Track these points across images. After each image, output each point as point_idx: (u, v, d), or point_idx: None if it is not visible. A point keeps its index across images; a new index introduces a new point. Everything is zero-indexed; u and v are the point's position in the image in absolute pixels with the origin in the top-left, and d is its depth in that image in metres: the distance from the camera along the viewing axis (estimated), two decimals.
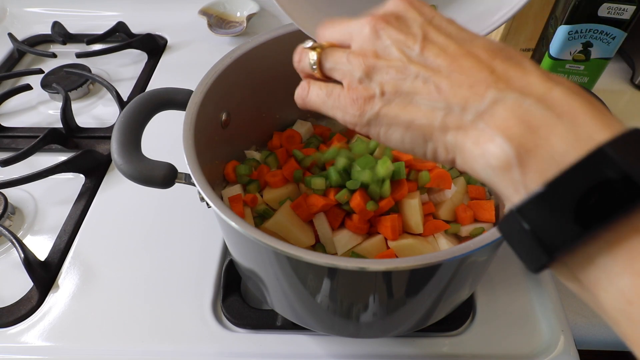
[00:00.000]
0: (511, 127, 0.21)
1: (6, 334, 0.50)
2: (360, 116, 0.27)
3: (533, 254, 0.21)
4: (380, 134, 0.27)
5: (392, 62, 0.25)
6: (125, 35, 0.90)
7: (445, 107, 0.23)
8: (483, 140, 0.22)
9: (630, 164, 0.18)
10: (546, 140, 0.20)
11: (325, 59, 0.28)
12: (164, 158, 0.40)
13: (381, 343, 0.49)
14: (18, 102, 0.79)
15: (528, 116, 0.21)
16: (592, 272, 0.20)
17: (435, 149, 0.25)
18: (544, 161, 0.20)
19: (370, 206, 0.45)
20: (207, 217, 0.60)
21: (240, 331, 0.50)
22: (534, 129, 0.21)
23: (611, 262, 0.19)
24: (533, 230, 0.20)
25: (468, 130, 0.23)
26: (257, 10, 0.90)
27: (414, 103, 0.25)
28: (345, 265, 0.32)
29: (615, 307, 0.19)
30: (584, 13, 0.60)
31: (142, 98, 0.43)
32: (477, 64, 0.23)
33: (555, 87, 0.21)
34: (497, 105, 0.22)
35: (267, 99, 0.54)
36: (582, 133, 0.20)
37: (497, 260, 0.54)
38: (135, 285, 0.54)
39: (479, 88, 0.23)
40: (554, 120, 0.20)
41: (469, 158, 0.23)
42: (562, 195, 0.19)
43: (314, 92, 0.29)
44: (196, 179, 0.37)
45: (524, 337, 0.49)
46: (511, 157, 0.21)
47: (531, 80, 0.22)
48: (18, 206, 0.63)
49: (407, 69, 0.25)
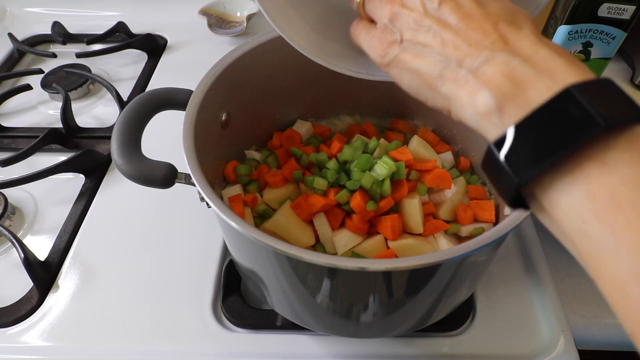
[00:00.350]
0: (496, 80, 0.24)
1: (6, 334, 0.50)
2: (383, 57, 0.31)
3: (506, 183, 0.23)
4: (395, 74, 0.31)
5: (412, 13, 0.29)
6: (125, 35, 0.90)
7: (445, 60, 0.27)
8: (472, 92, 0.25)
9: (590, 100, 0.21)
10: (524, 91, 0.23)
11: (367, 2, 0.33)
12: (164, 158, 0.40)
13: (381, 343, 0.49)
14: (18, 102, 0.79)
15: (513, 73, 0.24)
16: (554, 196, 0.22)
17: (434, 97, 0.29)
18: (520, 105, 0.23)
19: (370, 206, 0.45)
20: (207, 217, 0.60)
21: (240, 331, 0.50)
22: (516, 83, 0.24)
23: (569, 186, 0.21)
24: (506, 158, 0.23)
25: (461, 83, 0.26)
26: (257, 10, 0.90)
27: (423, 54, 0.28)
28: (345, 265, 0.32)
29: (572, 227, 0.22)
30: (584, 13, 0.60)
31: (142, 98, 0.43)
32: (482, 25, 0.27)
33: (541, 50, 0.25)
34: (488, 63, 0.25)
35: (267, 99, 0.54)
36: (555, 81, 0.23)
37: (497, 260, 0.54)
38: (135, 285, 0.54)
39: (476, 48, 0.26)
40: (535, 76, 0.24)
41: (460, 107, 0.26)
42: (530, 129, 0.22)
43: (358, 27, 0.34)
44: (196, 179, 0.37)
45: (524, 337, 0.49)
46: (492, 104, 0.24)
47: (523, 43, 0.26)
48: (18, 206, 0.63)
49: (423, 21, 0.28)
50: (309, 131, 0.57)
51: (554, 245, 0.56)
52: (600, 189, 0.20)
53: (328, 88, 0.56)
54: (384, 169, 0.46)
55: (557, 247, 0.56)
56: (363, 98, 0.59)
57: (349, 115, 0.61)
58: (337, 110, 0.61)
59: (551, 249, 0.56)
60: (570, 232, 0.22)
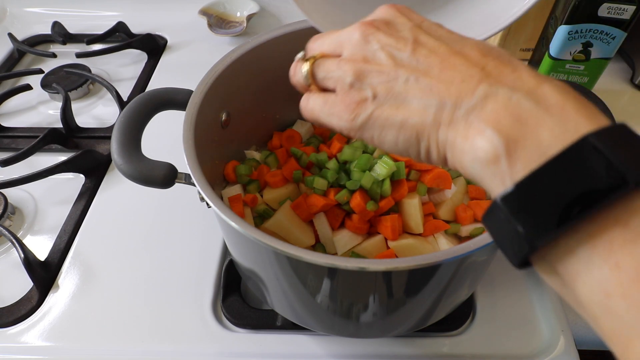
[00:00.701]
0: (500, 119, 0.21)
1: (6, 334, 0.50)
2: (354, 120, 0.26)
3: (515, 245, 0.20)
4: (374, 136, 0.26)
5: (382, 67, 0.26)
6: (125, 35, 0.90)
7: (438, 104, 0.24)
8: (472, 133, 0.22)
9: (615, 153, 0.18)
10: (534, 132, 0.20)
11: (317, 69, 0.29)
12: (164, 158, 0.40)
13: (381, 343, 0.49)
14: (18, 102, 0.79)
15: (517, 109, 0.21)
16: (572, 264, 0.19)
17: (428, 148, 0.25)
18: (530, 152, 0.20)
19: (370, 206, 0.45)
20: (207, 217, 0.60)
21: (240, 331, 0.50)
22: (522, 122, 0.21)
23: (590, 254, 0.19)
24: (516, 217, 0.20)
25: (458, 125, 0.23)
26: (257, 10, 0.90)
27: (407, 102, 0.25)
28: (345, 265, 0.32)
29: (593, 300, 0.19)
30: (584, 13, 0.60)
31: (142, 98, 0.43)
32: (467, 62, 0.24)
33: (544, 83, 0.22)
34: (488, 99, 0.22)
35: (267, 99, 0.54)
36: (568, 125, 0.20)
37: (497, 260, 0.54)
38: (135, 285, 0.54)
39: (470, 83, 0.23)
40: (542, 113, 0.21)
41: (458, 153, 0.23)
42: (545, 185, 0.19)
43: (311, 102, 0.29)
44: (196, 179, 0.37)
45: (524, 337, 0.49)
46: (499, 149, 0.21)
47: (521, 75, 0.23)
48: (18, 206, 0.63)
49: (398, 72, 0.25)
50: (309, 131, 0.57)
51: None
52: (626, 257, 0.18)
53: None
54: (384, 169, 0.46)
55: None
56: None
57: None
58: None
59: None
60: (590, 305, 0.19)
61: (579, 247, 0.19)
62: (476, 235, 0.44)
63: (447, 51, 0.25)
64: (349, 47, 0.27)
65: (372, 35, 0.26)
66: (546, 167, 0.19)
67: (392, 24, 0.27)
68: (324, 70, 0.28)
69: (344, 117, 0.27)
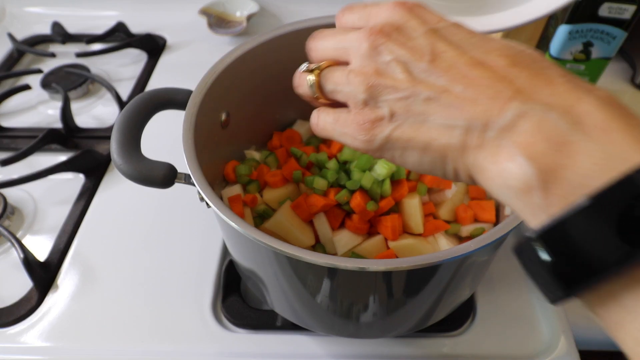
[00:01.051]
0: (533, 144, 0.19)
1: (6, 334, 0.50)
2: (370, 142, 0.24)
3: (550, 286, 0.19)
4: (395, 157, 0.24)
5: (398, 82, 0.23)
6: (124, 35, 0.90)
7: (465, 125, 0.21)
8: (503, 158, 0.20)
9: None
10: (572, 160, 0.18)
11: (325, 81, 0.26)
12: (164, 158, 0.40)
13: (381, 343, 0.49)
14: (17, 102, 0.79)
15: (552, 132, 0.18)
16: (615, 312, 0.18)
17: (455, 170, 0.23)
18: (568, 184, 0.18)
19: (371, 206, 0.45)
20: (207, 217, 0.59)
21: (240, 331, 0.50)
22: (558, 147, 0.18)
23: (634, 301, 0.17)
24: (552, 262, 0.18)
25: (488, 148, 0.21)
26: (257, 10, 0.90)
27: (429, 123, 0.22)
28: (345, 265, 0.32)
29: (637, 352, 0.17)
30: (584, 13, 0.60)
31: (142, 98, 0.43)
32: (493, 75, 0.21)
33: (584, 98, 0.19)
34: (520, 120, 0.20)
35: (267, 99, 0.54)
36: (613, 152, 0.17)
37: (497, 260, 0.54)
38: (135, 285, 0.54)
39: (499, 101, 0.20)
40: (582, 137, 0.18)
41: (487, 177, 0.21)
42: (586, 224, 0.17)
43: (322, 119, 0.27)
44: (196, 179, 0.37)
45: (525, 337, 0.49)
46: (532, 178, 0.19)
47: (557, 90, 0.20)
48: (17, 206, 0.63)
49: (416, 89, 0.22)
50: (309, 131, 0.57)
51: None
52: None
53: None
54: (384, 169, 0.46)
55: None
56: None
57: None
58: None
59: None
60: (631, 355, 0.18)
61: (625, 294, 0.17)
62: (476, 236, 0.43)
63: (469, 62, 0.22)
64: (357, 57, 0.25)
65: (383, 46, 0.24)
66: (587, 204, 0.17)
67: (403, 30, 0.24)
68: (332, 82, 0.26)
69: (359, 137, 0.25)
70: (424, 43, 0.23)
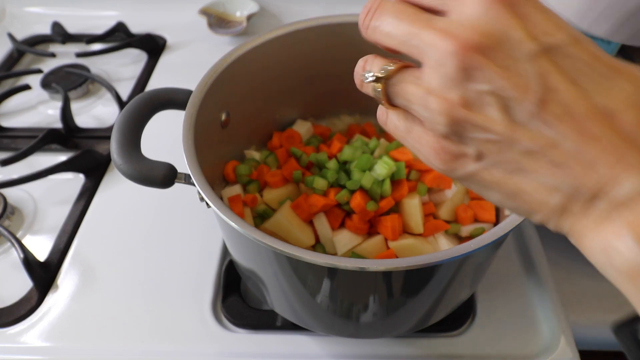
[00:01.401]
0: None
1: (6, 334, 0.50)
2: (447, 172, 0.21)
3: None
4: (473, 189, 0.21)
5: (490, 124, 0.18)
6: (124, 35, 0.90)
7: (570, 189, 0.18)
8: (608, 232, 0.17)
9: None
10: None
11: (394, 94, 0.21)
12: (164, 158, 0.40)
13: (381, 343, 0.49)
14: (17, 102, 0.79)
15: None
16: None
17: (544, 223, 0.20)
18: None
19: (371, 206, 0.45)
20: (207, 217, 0.59)
21: (240, 331, 0.50)
22: None
23: None
24: None
25: (592, 218, 0.18)
26: (257, 10, 0.90)
27: (524, 175, 0.19)
28: (345, 265, 0.32)
29: None
30: None
31: (142, 98, 0.43)
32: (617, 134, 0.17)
33: None
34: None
35: (267, 99, 0.54)
36: None
37: (497, 260, 0.54)
38: (135, 285, 0.54)
39: (618, 169, 0.17)
40: None
41: (586, 247, 0.18)
42: None
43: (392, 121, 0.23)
44: (196, 179, 0.37)
45: (525, 337, 0.49)
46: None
47: None
48: (17, 206, 0.63)
49: (514, 136, 0.18)
50: (309, 131, 0.57)
51: (554, 245, 0.56)
52: None
53: (328, 87, 0.56)
54: (384, 169, 0.46)
55: (558, 247, 0.56)
56: (363, 98, 0.59)
57: (349, 115, 0.61)
58: (337, 109, 0.60)
59: (551, 248, 0.56)
60: None
61: None
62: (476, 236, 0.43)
63: (590, 112, 0.17)
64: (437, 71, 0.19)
65: (479, 71, 0.18)
66: None
67: (504, 45, 0.18)
68: (403, 98, 0.21)
69: (434, 163, 0.21)
70: (531, 71, 0.18)
